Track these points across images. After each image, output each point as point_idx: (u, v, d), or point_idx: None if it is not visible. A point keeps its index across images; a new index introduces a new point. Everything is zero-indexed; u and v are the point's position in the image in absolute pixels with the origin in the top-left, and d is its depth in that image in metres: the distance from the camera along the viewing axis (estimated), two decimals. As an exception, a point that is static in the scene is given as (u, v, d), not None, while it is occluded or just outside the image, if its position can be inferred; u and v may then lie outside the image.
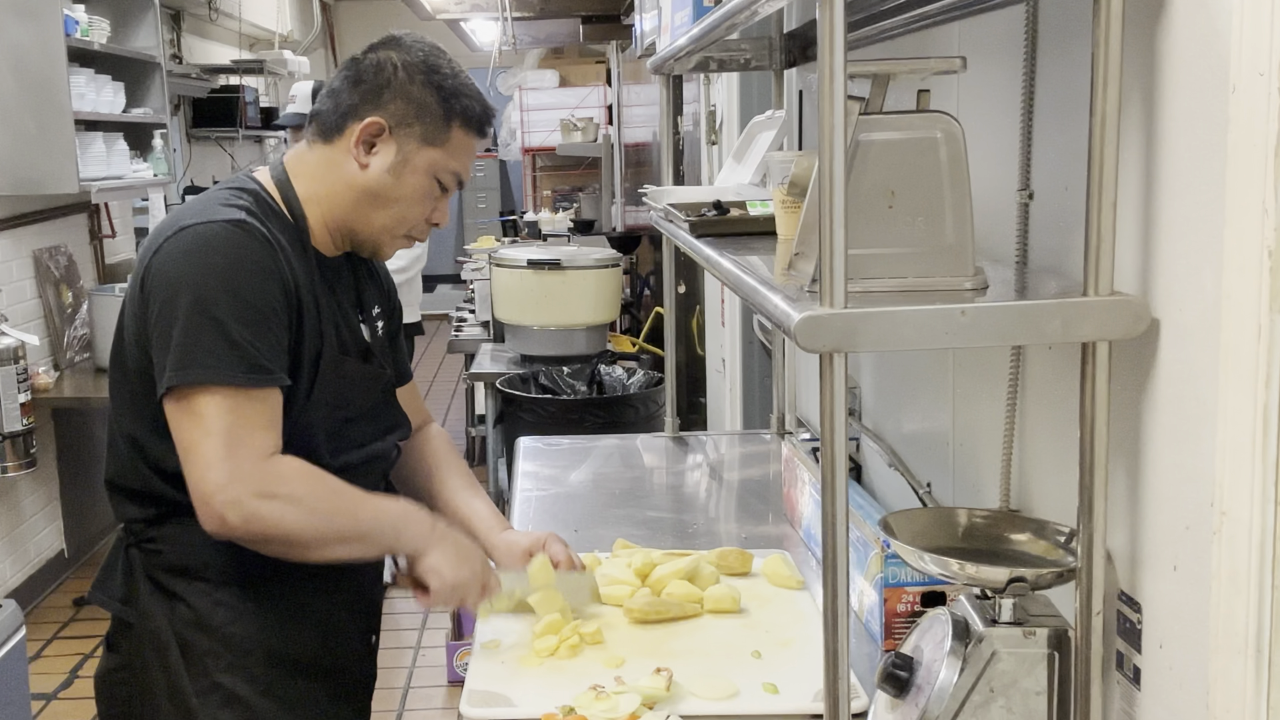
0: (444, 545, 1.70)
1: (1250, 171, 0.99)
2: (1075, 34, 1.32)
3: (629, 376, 4.32)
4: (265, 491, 1.55)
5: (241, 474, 1.54)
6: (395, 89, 1.67)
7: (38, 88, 4.48)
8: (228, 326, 1.54)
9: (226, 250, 1.57)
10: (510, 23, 6.00)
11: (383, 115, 1.66)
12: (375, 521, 1.66)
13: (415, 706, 3.94)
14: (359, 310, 1.80)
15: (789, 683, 1.60)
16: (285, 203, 1.70)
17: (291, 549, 1.60)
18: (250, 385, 1.56)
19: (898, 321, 1.12)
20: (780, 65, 2.59)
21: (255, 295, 1.57)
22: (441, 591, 1.69)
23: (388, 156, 1.67)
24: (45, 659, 4.31)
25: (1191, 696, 1.11)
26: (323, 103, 1.72)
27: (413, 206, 1.71)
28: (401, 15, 7.07)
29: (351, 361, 1.72)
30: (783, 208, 1.71)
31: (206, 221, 1.59)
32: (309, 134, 1.74)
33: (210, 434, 1.54)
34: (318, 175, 1.71)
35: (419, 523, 1.70)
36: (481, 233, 8.53)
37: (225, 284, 1.55)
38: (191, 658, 1.67)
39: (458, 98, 1.68)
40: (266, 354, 1.57)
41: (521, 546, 1.86)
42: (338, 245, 1.75)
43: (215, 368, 1.54)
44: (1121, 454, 1.22)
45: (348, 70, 1.71)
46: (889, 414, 2.13)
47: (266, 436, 1.58)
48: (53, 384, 4.75)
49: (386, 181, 1.68)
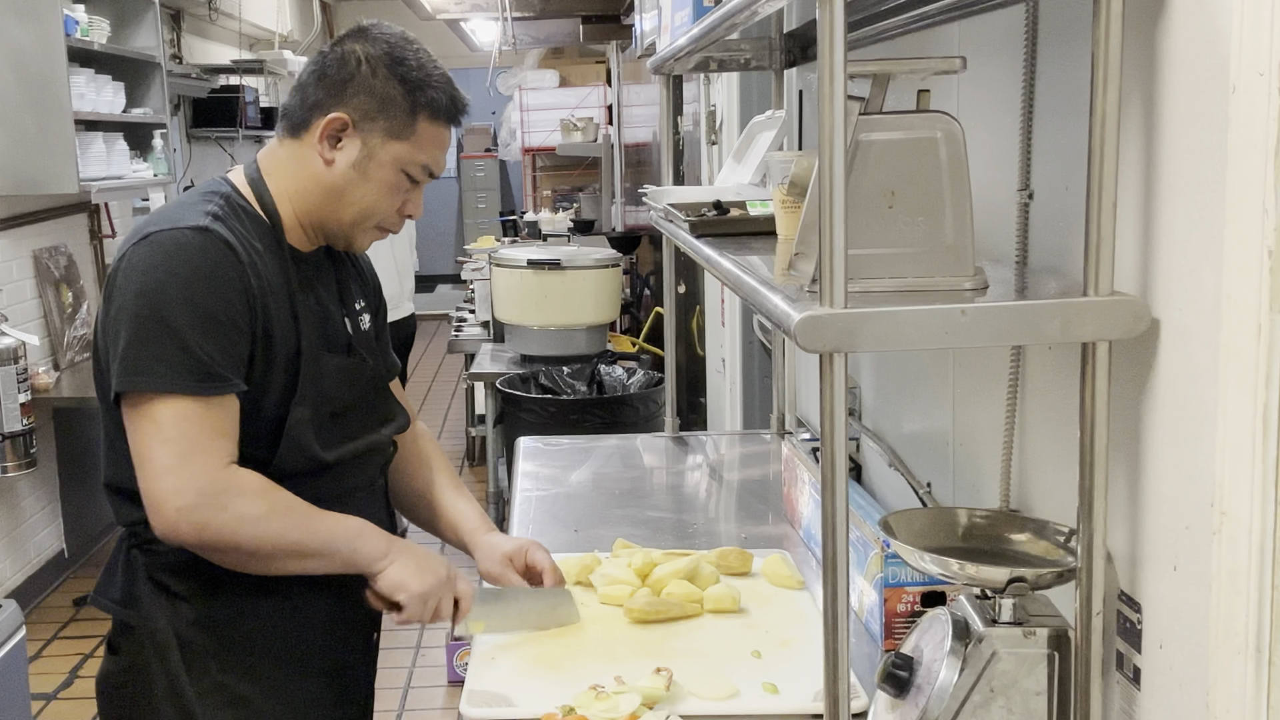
0: (403, 558, 1.69)
1: (1250, 171, 0.99)
2: (1075, 34, 1.32)
3: (629, 376, 4.32)
4: (217, 502, 1.55)
5: (194, 483, 1.54)
6: (358, 83, 1.65)
7: (38, 88, 4.48)
8: (183, 334, 1.54)
9: (184, 256, 1.57)
10: (510, 23, 6.00)
11: (346, 111, 1.65)
12: (330, 536, 1.65)
13: (415, 706, 3.94)
14: (341, 304, 1.79)
15: (789, 683, 1.60)
16: (259, 201, 1.69)
17: (244, 560, 1.61)
18: (203, 394, 1.56)
19: (898, 321, 1.12)
20: (780, 65, 2.59)
21: (211, 302, 1.56)
22: (412, 604, 1.69)
23: (352, 152, 1.67)
24: (45, 659, 4.31)
25: (1191, 696, 1.11)
26: (291, 98, 1.71)
27: (381, 200, 1.70)
28: (402, 15, 7.07)
29: (333, 356, 1.72)
30: (783, 208, 1.71)
31: (170, 228, 1.59)
32: (279, 130, 1.74)
33: (164, 441, 1.54)
34: (288, 171, 1.70)
35: (374, 539, 1.69)
36: (481, 233, 8.54)
37: (182, 292, 1.55)
38: (193, 658, 1.67)
39: (423, 89, 1.67)
40: (221, 362, 1.57)
41: (502, 551, 1.86)
42: (312, 240, 1.74)
43: (168, 375, 1.54)
44: (1121, 454, 1.22)
45: (314, 64, 1.70)
46: (889, 414, 2.13)
47: (221, 445, 1.57)
48: (53, 384, 4.76)
49: (352, 177, 1.67)
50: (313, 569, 1.65)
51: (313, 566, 1.65)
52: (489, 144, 12.82)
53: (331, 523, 1.66)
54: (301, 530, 1.62)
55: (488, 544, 1.88)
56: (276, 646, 1.71)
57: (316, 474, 1.69)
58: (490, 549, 1.87)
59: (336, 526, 1.66)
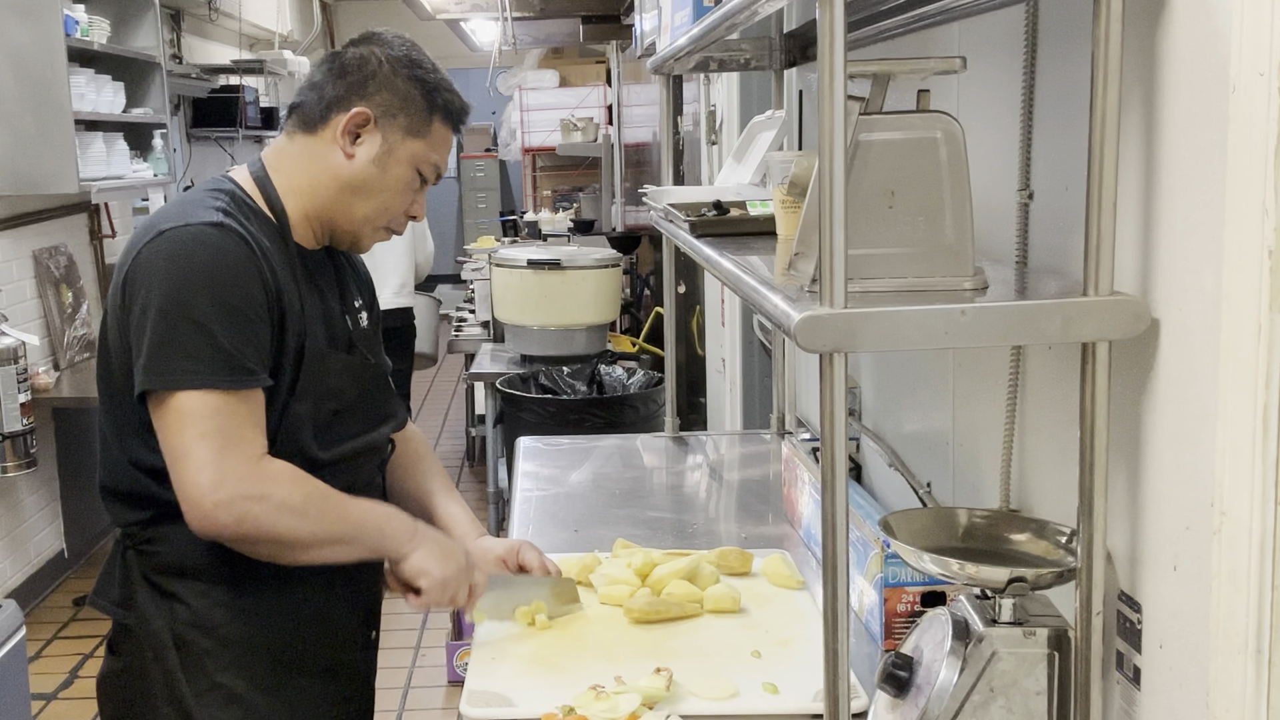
0: (427, 545, 1.72)
1: (1250, 171, 0.99)
2: (1075, 34, 1.32)
3: (629, 376, 4.32)
4: (256, 493, 1.56)
5: (233, 476, 1.55)
6: (380, 81, 1.70)
7: (38, 88, 4.49)
8: (210, 329, 1.56)
9: (205, 253, 1.58)
10: (510, 23, 6.00)
11: (369, 105, 1.69)
12: (361, 523, 1.67)
13: (415, 706, 3.94)
14: (342, 301, 1.80)
15: (789, 683, 1.60)
16: (265, 199, 1.71)
17: (280, 550, 1.62)
18: (234, 387, 1.57)
19: (898, 321, 1.12)
20: (780, 65, 2.59)
21: (236, 297, 1.58)
22: (432, 590, 1.71)
23: (373, 147, 1.70)
24: (45, 659, 4.31)
25: (1191, 696, 1.11)
26: (304, 94, 1.73)
27: (395, 198, 1.73)
28: (402, 15, 7.07)
29: (336, 354, 1.73)
30: (783, 208, 1.71)
31: (184, 224, 1.60)
32: (289, 126, 1.75)
33: (201, 436, 1.55)
34: (300, 167, 1.72)
35: (402, 524, 1.72)
36: (481, 233, 8.54)
37: (205, 287, 1.56)
38: (190, 658, 1.68)
39: (439, 91, 1.72)
40: (249, 355, 1.58)
41: (495, 553, 1.89)
42: (318, 238, 1.76)
43: (198, 371, 1.55)
44: (1121, 454, 1.22)
45: (330, 63, 1.73)
46: (889, 414, 2.13)
47: (254, 438, 1.59)
48: (53, 384, 4.76)
49: (371, 172, 1.70)
50: (343, 557, 1.66)
51: (344, 554, 1.66)
52: (489, 144, 12.82)
53: (362, 509, 1.68)
54: (335, 517, 1.64)
55: (479, 548, 1.89)
56: (272, 646, 1.72)
57: (313, 472, 1.69)
58: (483, 552, 1.89)
59: (367, 513, 1.69)
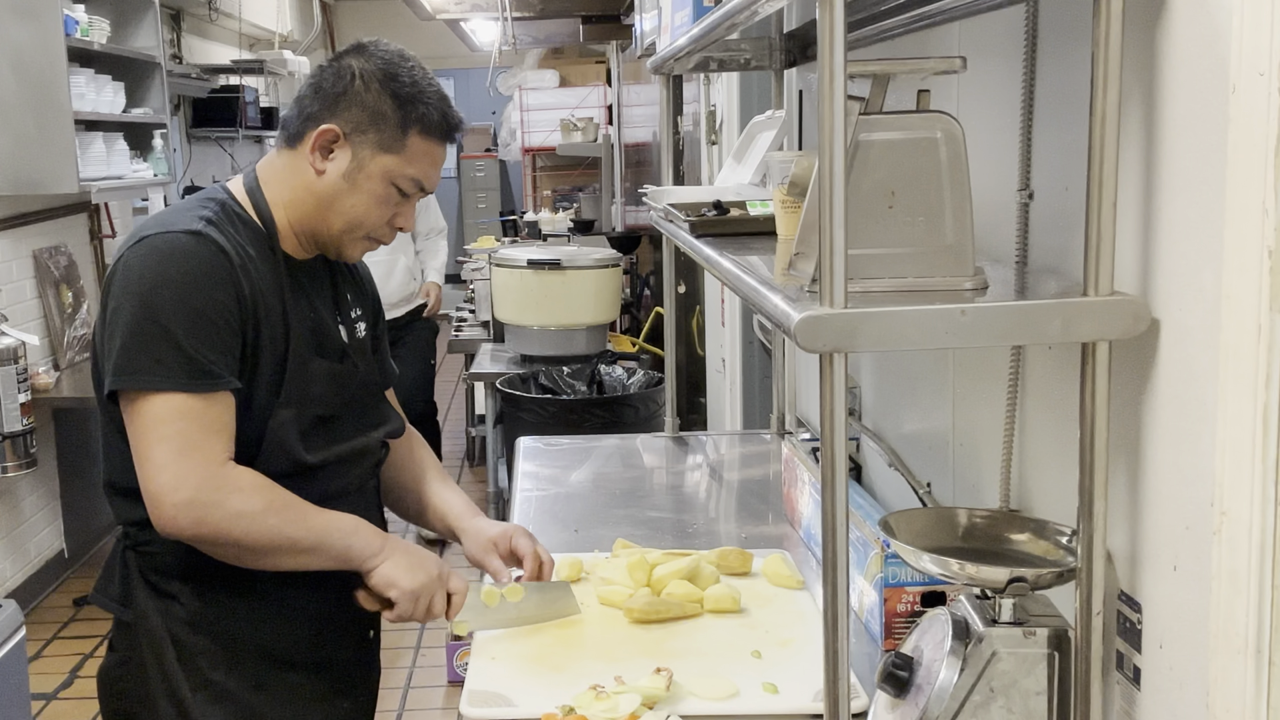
0: (395, 556, 1.72)
1: (1250, 171, 0.99)
2: (1075, 34, 1.32)
3: (629, 376, 4.32)
4: (213, 499, 1.58)
5: (191, 479, 1.57)
6: (351, 97, 1.70)
7: (38, 88, 4.49)
8: (176, 334, 1.59)
9: (177, 259, 1.61)
10: (510, 23, 5.99)
11: (337, 122, 1.70)
12: (324, 532, 1.68)
13: (415, 706, 3.94)
14: (336, 311, 1.82)
15: (789, 683, 1.60)
16: (255, 208, 1.74)
17: (241, 555, 1.64)
18: (198, 390, 1.59)
19: (898, 321, 1.12)
20: (780, 65, 2.59)
21: (204, 303, 1.60)
22: (403, 601, 1.72)
23: (342, 163, 1.71)
24: (45, 659, 4.31)
25: (1191, 696, 1.11)
26: (289, 110, 1.77)
27: (370, 211, 1.74)
28: (402, 15, 7.07)
29: (323, 361, 1.75)
30: (783, 208, 1.71)
31: (165, 231, 1.64)
32: (278, 141, 1.79)
33: (161, 438, 1.58)
34: (283, 180, 1.75)
35: (369, 536, 1.72)
36: (481, 233, 8.52)
37: (175, 293, 1.60)
38: (186, 656, 1.71)
39: (414, 104, 1.70)
40: (215, 360, 1.61)
41: (488, 535, 1.89)
42: (306, 248, 1.79)
43: (162, 374, 1.58)
44: (1121, 454, 1.22)
45: (314, 77, 1.75)
46: (889, 414, 2.13)
47: (218, 442, 1.61)
48: (53, 384, 4.76)
49: (341, 187, 1.71)
50: (307, 565, 1.68)
51: (307, 562, 1.67)
52: (489, 144, 12.81)
53: (326, 519, 1.68)
54: (297, 526, 1.65)
55: (474, 528, 1.91)
56: (267, 645, 1.74)
57: (302, 475, 1.71)
58: (476, 533, 1.90)
59: (331, 523, 1.69)
